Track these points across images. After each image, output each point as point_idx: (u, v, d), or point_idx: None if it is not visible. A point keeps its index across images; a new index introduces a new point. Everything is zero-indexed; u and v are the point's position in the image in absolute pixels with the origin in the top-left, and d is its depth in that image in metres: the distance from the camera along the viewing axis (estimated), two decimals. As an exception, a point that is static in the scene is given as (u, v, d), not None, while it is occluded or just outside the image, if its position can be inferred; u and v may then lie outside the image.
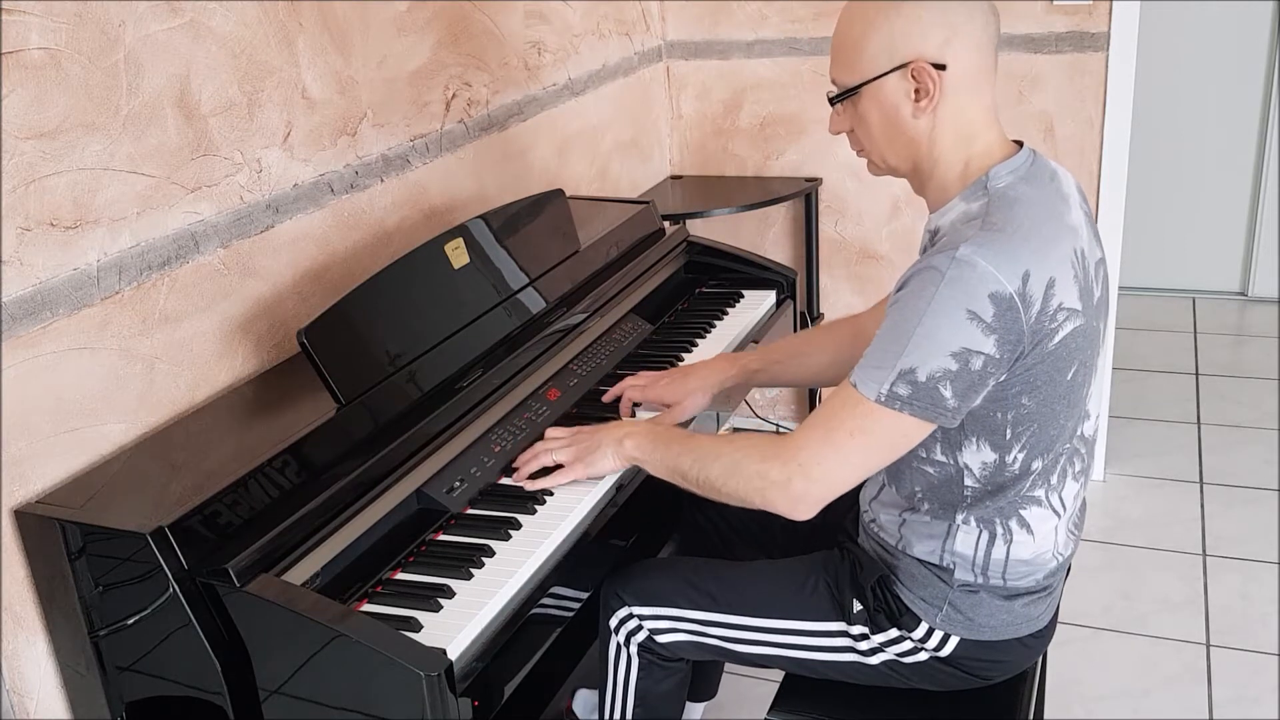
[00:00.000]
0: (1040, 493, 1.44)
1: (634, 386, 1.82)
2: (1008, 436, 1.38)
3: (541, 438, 1.68)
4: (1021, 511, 1.44)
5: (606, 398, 1.85)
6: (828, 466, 1.35)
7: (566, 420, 1.80)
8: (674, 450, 1.52)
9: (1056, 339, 1.32)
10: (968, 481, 1.42)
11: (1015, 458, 1.39)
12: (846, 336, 1.78)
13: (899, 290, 1.34)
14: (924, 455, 1.43)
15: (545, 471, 1.62)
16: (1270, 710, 2.22)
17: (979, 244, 1.28)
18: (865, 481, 1.57)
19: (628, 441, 1.58)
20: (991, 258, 1.27)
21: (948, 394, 1.30)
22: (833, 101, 1.44)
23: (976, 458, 1.40)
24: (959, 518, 1.44)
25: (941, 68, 1.34)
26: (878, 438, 1.34)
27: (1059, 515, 1.47)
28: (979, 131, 1.39)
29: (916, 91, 1.36)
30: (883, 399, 1.31)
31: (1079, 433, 1.45)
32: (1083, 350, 1.37)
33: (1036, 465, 1.41)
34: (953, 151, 1.39)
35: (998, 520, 1.44)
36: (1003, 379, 1.33)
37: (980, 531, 1.45)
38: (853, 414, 1.34)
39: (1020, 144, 1.41)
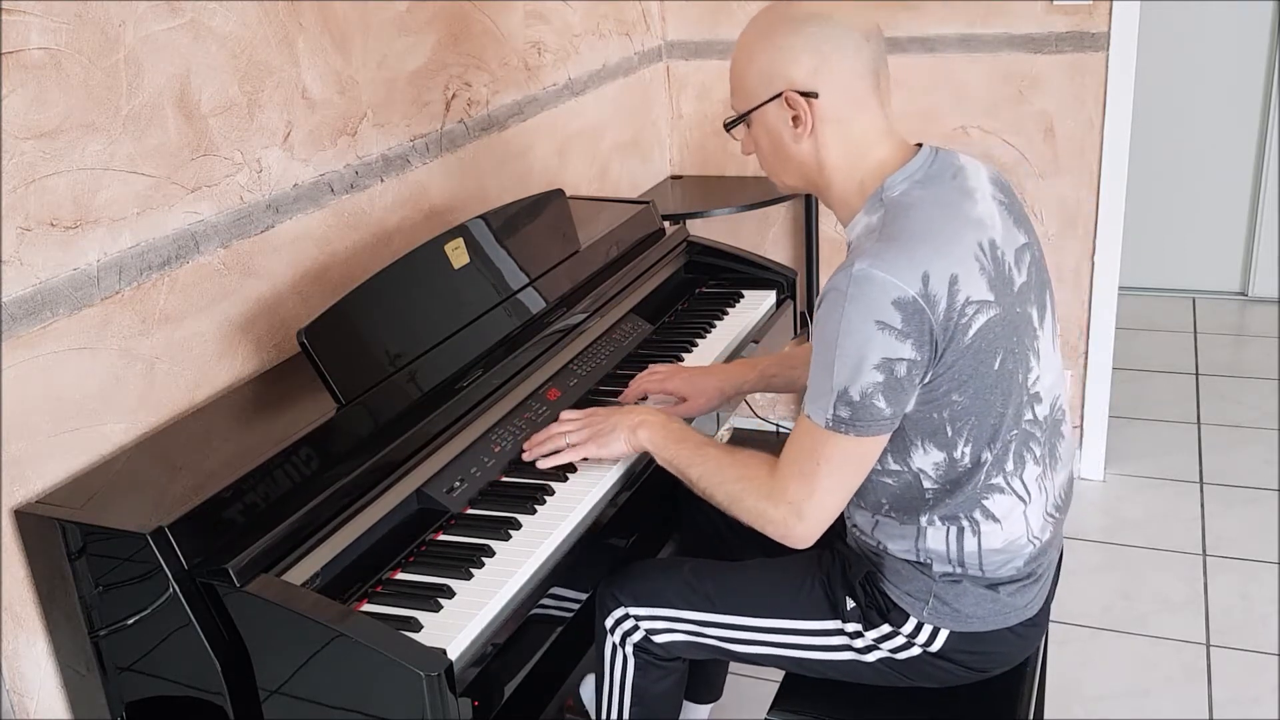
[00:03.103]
0: (998, 480, 1.45)
1: (654, 375, 1.85)
2: (949, 434, 1.41)
3: (555, 421, 1.70)
4: (983, 502, 1.45)
5: (625, 397, 1.86)
6: (813, 501, 1.41)
7: (580, 406, 1.81)
8: (684, 455, 1.56)
9: (971, 332, 1.35)
10: (926, 484, 1.45)
11: (963, 452, 1.42)
12: None
13: (816, 312, 1.39)
14: (879, 468, 1.46)
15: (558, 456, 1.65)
16: (1270, 710, 2.22)
17: (874, 256, 1.33)
18: None
19: (641, 431, 1.60)
20: (886, 267, 1.31)
21: (882, 404, 1.35)
22: (726, 127, 1.51)
23: (927, 460, 1.43)
24: (923, 520, 1.47)
25: (813, 95, 1.40)
26: (842, 461, 1.40)
27: (1024, 501, 1.47)
28: (868, 150, 1.44)
29: (794, 119, 1.42)
30: (830, 424, 1.37)
31: (1028, 417, 1.46)
32: (1005, 338, 1.39)
33: (986, 456, 1.43)
34: (843, 171, 1.44)
35: (961, 515, 1.46)
36: (928, 380, 1.36)
37: (948, 528, 1.46)
38: (814, 444, 1.40)
39: (920, 145, 1.45)
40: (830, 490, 1.41)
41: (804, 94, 1.40)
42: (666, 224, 2.40)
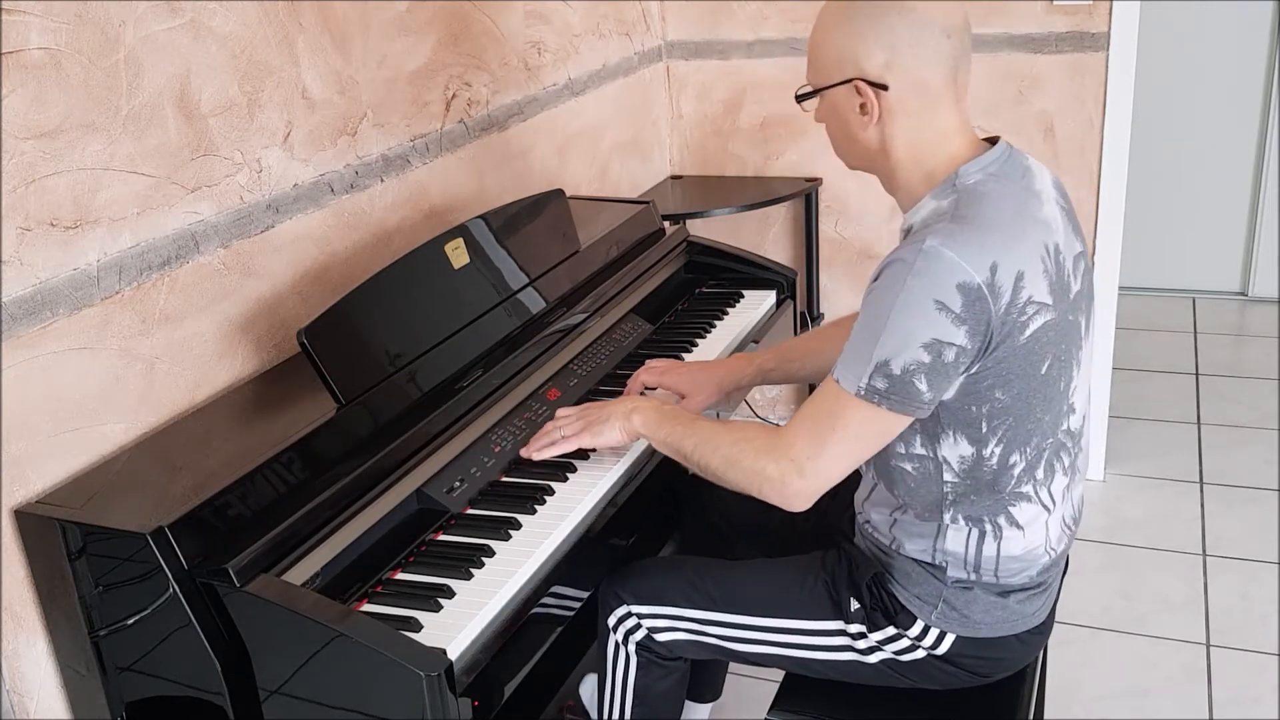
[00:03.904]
0: (1028, 488, 1.44)
1: (652, 369, 1.84)
2: (984, 430, 1.39)
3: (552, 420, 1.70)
4: (1010, 508, 1.44)
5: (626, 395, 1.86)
6: (819, 463, 1.39)
7: (578, 401, 1.82)
8: (678, 431, 1.54)
9: (1027, 332, 1.34)
10: (947, 477, 1.43)
11: (993, 451, 1.40)
12: None
13: (871, 283, 1.36)
14: (903, 451, 1.44)
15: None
16: (1270, 710, 2.22)
17: (946, 235, 1.30)
18: (858, 482, 1.58)
19: (635, 416, 1.60)
20: (958, 249, 1.29)
21: (923, 387, 1.32)
22: (798, 99, 1.48)
23: (954, 451, 1.41)
24: (946, 516, 1.45)
25: (882, 88, 1.37)
26: (861, 430, 1.37)
27: (1048, 510, 1.47)
28: (938, 146, 1.41)
29: (861, 107, 1.40)
30: (862, 392, 1.34)
31: (1064, 427, 1.45)
32: (1056, 344, 1.38)
33: (1015, 459, 1.41)
34: (911, 163, 1.42)
35: (986, 518, 1.45)
36: (974, 371, 1.34)
37: (970, 529, 1.45)
38: (837, 408, 1.37)
39: (995, 140, 1.43)
40: (839, 456, 1.39)
41: (873, 85, 1.37)
42: (666, 224, 2.40)
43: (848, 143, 1.46)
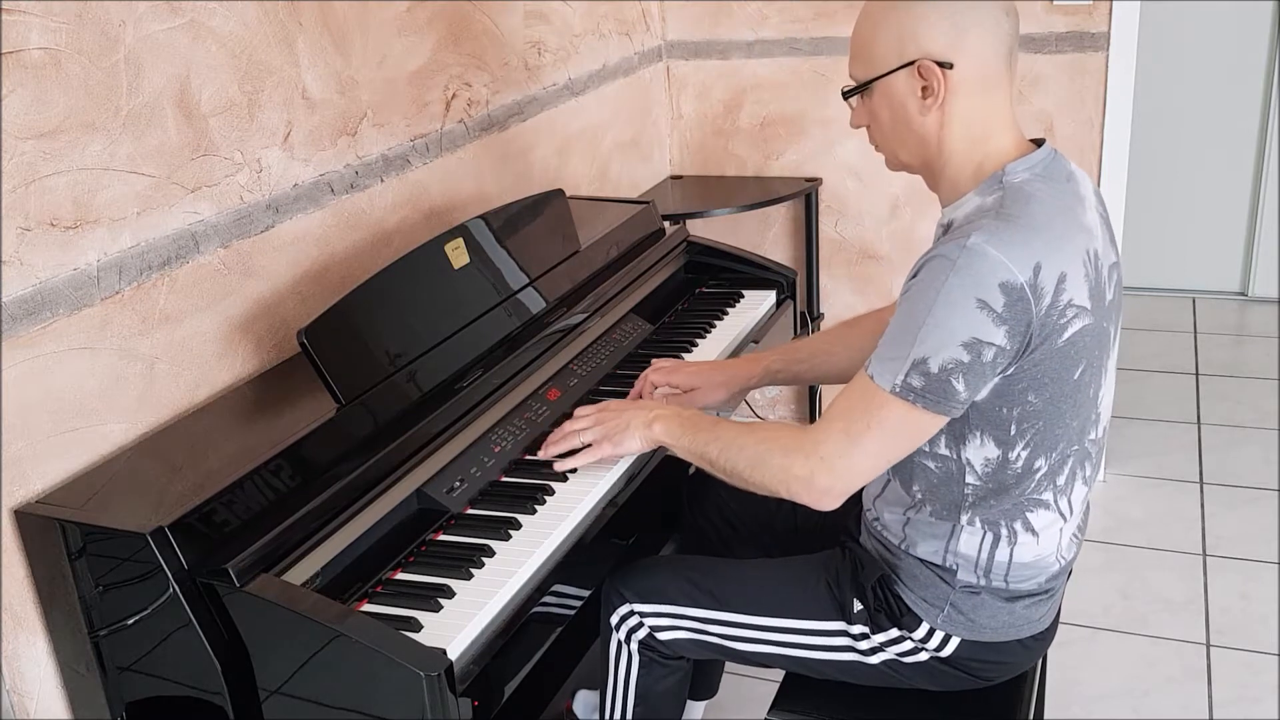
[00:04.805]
0: (1047, 495, 1.43)
1: (660, 369, 1.83)
2: (1012, 433, 1.38)
3: (569, 415, 1.69)
4: (1027, 514, 1.44)
5: (632, 395, 1.85)
6: (849, 460, 1.37)
7: (578, 403, 1.81)
8: (701, 437, 1.53)
9: (1065, 336, 1.33)
10: (969, 479, 1.42)
11: (1019, 455, 1.39)
12: (869, 333, 1.77)
13: (910, 279, 1.35)
14: (926, 449, 1.43)
15: (572, 452, 1.64)
16: (1270, 710, 2.22)
17: (991, 233, 1.28)
18: None
19: (656, 425, 1.58)
20: (1003, 247, 1.27)
21: (959, 386, 1.31)
22: (846, 96, 1.46)
23: (980, 453, 1.40)
24: (963, 518, 1.44)
25: (948, 66, 1.35)
26: (894, 429, 1.35)
27: (1065, 519, 1.47)
28: (992, 133, 1.39)
29: (924, 89, 1.37)
30: (897, 390, 1.32)
31: (1090, 435, 1.44)
32: (1090, 351, 1.37)
33: (1040, 464, 1.41)
34: (964, 152, 1.40)
35: (1003, 522, 1.44)
36: (1010, 372, 1.33)
37: (985, 533, 1.45)
38: (871, 406, 1.35)
39: (1041, 142, 1.41)
40: (871, 454, 1.37)
41: (939, 64, 1.35)
42: (666, 224, 2.40)
43: (901, 135, 1.43)
